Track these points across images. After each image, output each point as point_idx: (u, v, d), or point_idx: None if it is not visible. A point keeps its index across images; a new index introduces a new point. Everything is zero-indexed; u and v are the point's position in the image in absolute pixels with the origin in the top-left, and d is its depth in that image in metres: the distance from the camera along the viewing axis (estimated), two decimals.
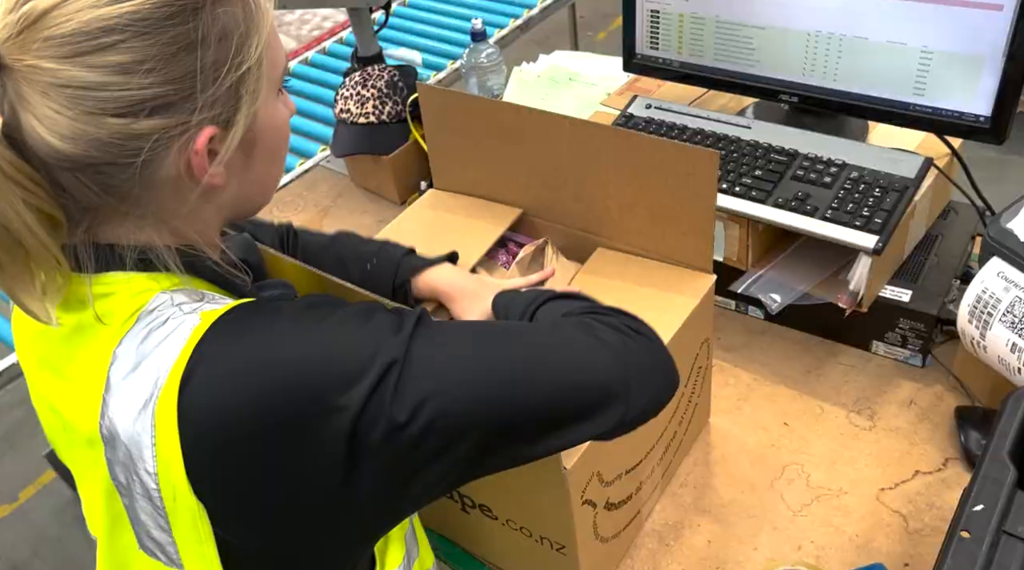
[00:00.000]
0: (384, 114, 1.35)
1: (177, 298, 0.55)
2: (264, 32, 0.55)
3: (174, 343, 0.52)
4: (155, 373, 0.52)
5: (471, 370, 0.55)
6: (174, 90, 0.51)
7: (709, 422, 1.00)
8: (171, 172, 0.54)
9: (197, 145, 0.53)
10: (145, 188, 0.53)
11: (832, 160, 1.00)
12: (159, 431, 0.51)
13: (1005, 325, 0.84)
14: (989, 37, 0.90)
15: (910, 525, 0.87)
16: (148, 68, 0.50)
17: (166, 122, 0.51)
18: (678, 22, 1.13)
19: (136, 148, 0.51)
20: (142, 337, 0.54)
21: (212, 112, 0.53)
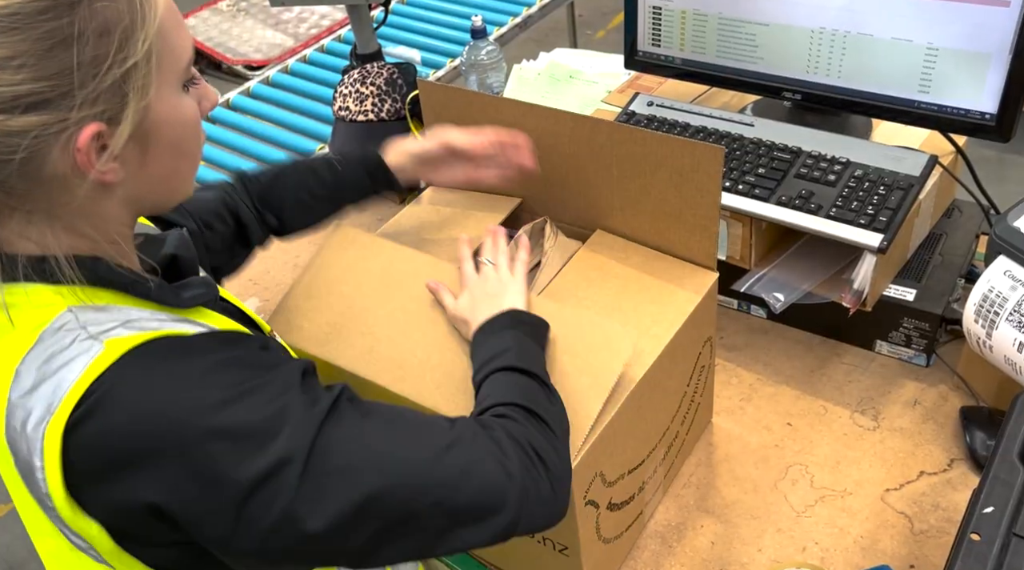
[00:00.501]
0: (383, 112, 1.34)
1: (83, 317, 0.54)
2: (152, 25, 0.53)
3: (73, 370, 0.52)
4: (49, 398, 0.52)
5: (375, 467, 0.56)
6: (49, 87, 0.49)
7: (712, 422, 1.00)
8: (57, 169, 0.52)
9: (79, 142, 0.51)
10: (30, 183, 0.52)
11: (836, 158, 0.99)
12: (47, 456, 0.52)
13: (1012, 324, 0.83)
14: (996, 34, 0.90)
15: (915, 526, 0.86)
16: (19, 64, 0.48)
17: (43, 119, 0.50)
18: (680, 19, 1.12)
19: (13, 145, 0.50)
20: (43, 358, 0.53)
21: (95, 109, 0.51)
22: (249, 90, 1.89)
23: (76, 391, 0.51)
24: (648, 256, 0.88)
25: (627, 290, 0.85)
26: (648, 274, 0.86)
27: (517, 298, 0.77)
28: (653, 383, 0.79)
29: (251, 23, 3.56)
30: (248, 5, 3.69)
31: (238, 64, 3.26)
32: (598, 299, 0.84)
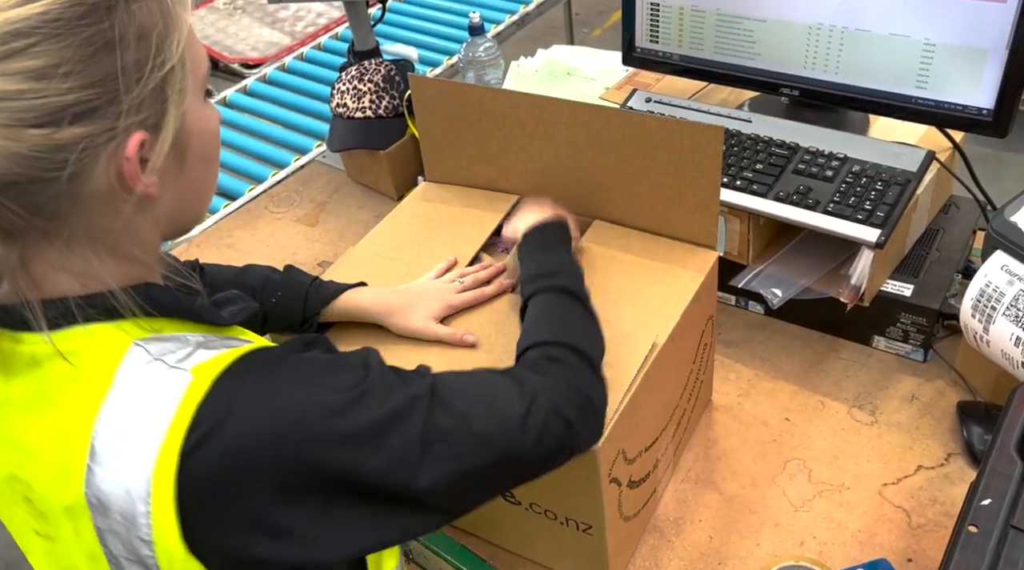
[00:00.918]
0: (381, 109, 1.34)
1: (154, 349, 0.52)
2: (184, 29, 0.52)
3: (168, 404, 0.50)
4: (148, 438, 0.49)
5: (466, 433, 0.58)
6: (96, 94, 0.48)
7: (711, 417, 1.00)
8: (101, 185, 0.50)
9: (127, 151, 0.49)
10: (75, 204, 0.50)
11: (833, 154, 0.99)
12: (155, 500, 0.49)
13: (1009, 319, 0.83)
14: (993, 30, 0.90)
15: (913, 520, 0.86)
16: (65, 72, 0.47)
17: (91, 129, 0.48)
18: (678, 15, 1.12)
19: (61, 160, 0.47)
20: (127, 401, 0.50)
21: (139, 116, 0.50)
22: (246, 88, 1.89)
23: (179, 424, 0.49)
24: (648, 241, 0.90)
25: (632, 274, 0.86)
26: (650, 258, 0.88)
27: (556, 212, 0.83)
28: (665, 361, 0.81)
29: (248, 21, 3.56)
30: (245, 3, 3.68)
31: (235, 62, 3.26)
32: (604, 285, 0.85)
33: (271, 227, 1.39)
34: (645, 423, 0.81)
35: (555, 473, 0.69)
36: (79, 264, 0.52)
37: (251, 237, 1.38)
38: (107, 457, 0.50)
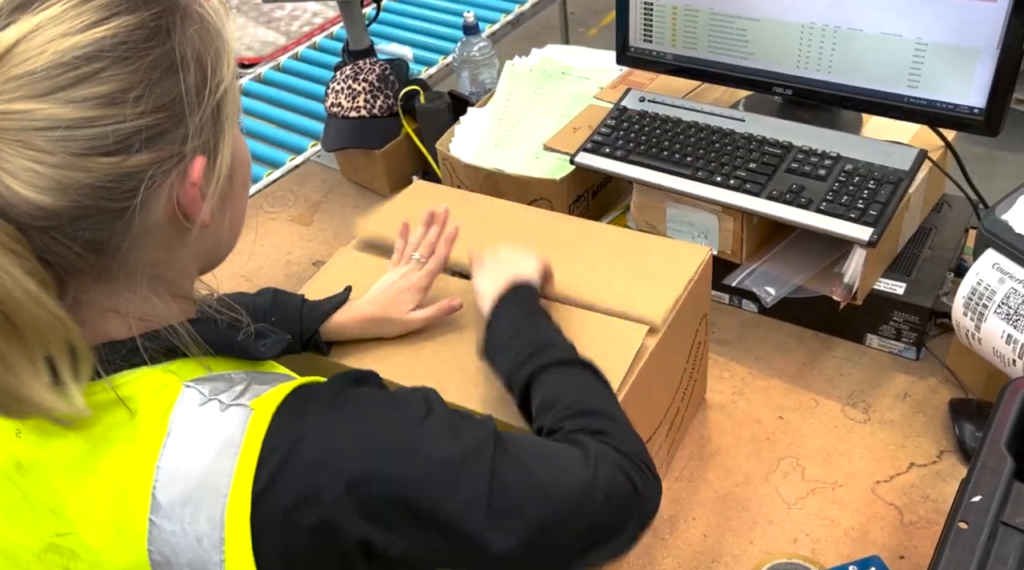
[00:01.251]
0: (375, 108, 1.34)
1: (207, 389, 0.50)
2: (233, 51, 0.52)
3: (231, 443, 0.47)
4: (216, 481, 0.47)
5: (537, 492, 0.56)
6: (165, 117, 0.47)
7: (705, 415, 1.00)
8: (161, 216, 0.48)
9: (193, 175, 0.48)
10: (135, 238, 0.48)
11: (826, 153, 1.00)
12: (230, 544, 0.47)
13: (1000, 317, 0.84)
14: (984, 29, 0.90)
15: (905, 517, 0.87)
16: (136, 96, 0.45)
17: (160, 154, 0.47)
18: (672, 15, 1.13)
19: (131, 189, 0.46)
20: (187, 444, 0.48)
21: (202, 139, 0.49)
22: (241, 87, 1.89)
23: (247, 461, 0.47)
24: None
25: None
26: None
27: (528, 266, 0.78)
28: (657, 360, 0.81)
29: (243, 21, 3.55)
30: (240, 2, 3.68)
31: None
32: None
33: (265, 227, 1.39)
34: (638, 423, 0.81)
35: None
36: (135, 304, 0.50)
37: (245, 237, 1.36)
38: (172, 508, 0.47)
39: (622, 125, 1.12)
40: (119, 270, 0.49)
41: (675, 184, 1.03)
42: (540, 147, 1.20)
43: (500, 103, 1.33)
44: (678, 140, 1.07)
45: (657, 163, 1.06)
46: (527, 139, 1.26)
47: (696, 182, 1.02)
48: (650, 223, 1.11)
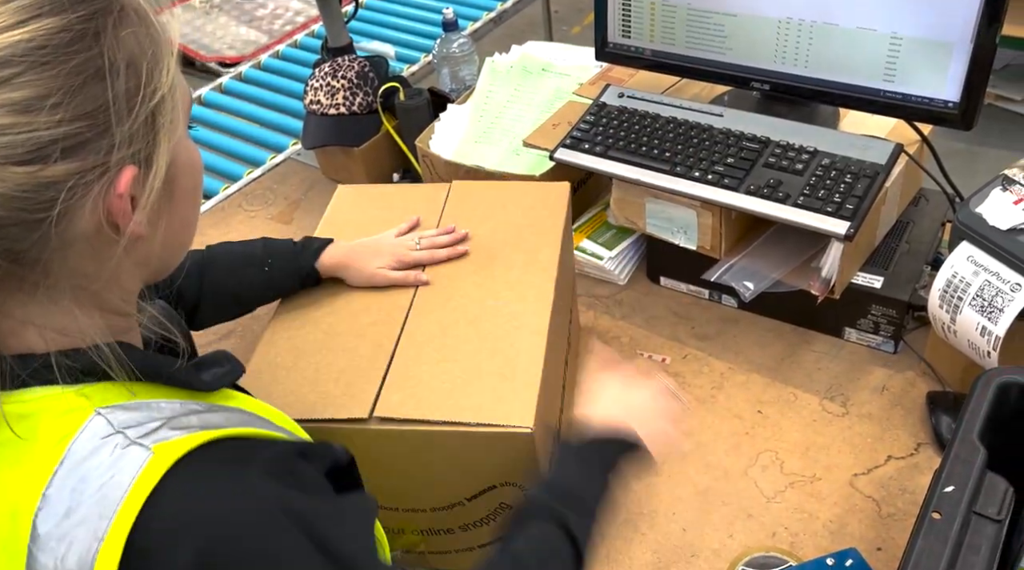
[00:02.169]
0: (355, 105, 1.34)
1: (117, 420, 0.47)
2: (172, 56, 0.49)
3: (120, 485, 0.44)
4: (95, 523, 0.44)
5: None
6: (86, 126, 0.44)
7: (685, 411, 1.00)
8: (88, 226, 0.46)
9: (119, 187, 0.46)
10: (58, 249, 0.46)
11: (804, 147, 1.00)
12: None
13: (975, 309, 0.84)
14: (957, 23, 0.91)
15: (883, 510, 0.87)
16: (54, 103, 0.43)
17: (81, 164, 0.44)
18: (650, 10, 1.13)
19: (48, 200, 0.43)
20: (78, 476, 0.45)
21: (131, 149, 0.46)
22: (222, 86, 1.88)
23: (128, 510, 0.44)
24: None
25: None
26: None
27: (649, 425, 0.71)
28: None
29: (224, 19, 3.53)
30: (221, 1, 3.66)
31: (212, 61, 3.23)
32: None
33: (245, 225, 1.38)
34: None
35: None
36: (55, 317, 0.48)
37: (224, 236, 1.37)
38: (48, 541, 0.44)
39: (601, 121, 1.12)
40: (40, 280, 0.47)
41: (654, 180, 1.03)
42: (520, 143, 1.20)
43: (480, 100, 1.32)
44: (657, 136, 1.07)
45: (636, 159, 1.06)
46: (507, 135, 1.25)
47: (675, 177, 1.02)
48: (630, 219, 1.11)
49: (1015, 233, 0.83)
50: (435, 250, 0.90)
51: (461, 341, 0.81)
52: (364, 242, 0.91)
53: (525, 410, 0.73)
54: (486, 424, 0.73)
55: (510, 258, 0.90)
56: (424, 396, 0.76)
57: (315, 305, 0.88)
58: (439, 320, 0.84)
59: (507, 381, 0.77)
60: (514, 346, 0.80)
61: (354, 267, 0.88)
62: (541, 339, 0.80)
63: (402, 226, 0.94)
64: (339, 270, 0.89)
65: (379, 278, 0.87)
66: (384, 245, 0.90)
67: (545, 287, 0.86)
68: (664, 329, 1.10)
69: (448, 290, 0.87)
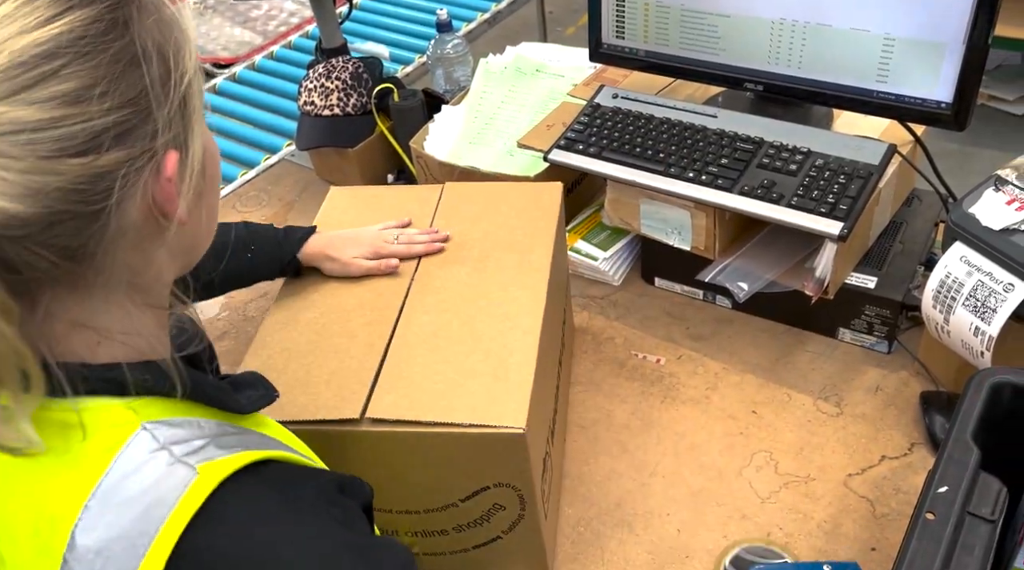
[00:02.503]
0: (349, 106, 1.33)
1: (162, 435, 0.46)
2: (194, 40, 0.50)
3: (163, 503, 0.44)
4: (137, 539, 0.43)
5: None
6: (132, 112, 0.45)
7: (679, 411, 1.00)
8: (138, 216, 0.47)
9: (167, 171, 0.47)
10: (112, 242, 0.46)
11: (797, 148, 1.00)
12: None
13: (968, 309, 0.84)
14: (950, 24, 0.91)
15: (877, 510, 0.87)
16: (102, 92, 0.44)
17: (130, 151, 0.45)
18: (643, 11, 1.13)
19: (104, 189, 0.44)
20: (122, 490, 0.45)
21: (172, 133, 0.47)
22: (216, 87, 1.87)
23: (171, 531, 0.43)
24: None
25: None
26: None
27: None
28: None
29: (219, 21, 3.52)
30: (216, 2, 3.65)
31: (206, 62, 3.22)
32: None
33: None
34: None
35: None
36: (111, 315, 0.48)
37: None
38: (87, 553, 0.44)
39: (595, 122, 1.12)
40: (95, 277, 0.47)
41: (648, 180, 1.03)
42: (514, 144, 1.20)
43: (474, 101, 1.32)
44: (651, 136, 1.07)
45: (630, 159, 1.06)
46: (501, 136, 1.25)
47: (669, 178, 1.02)
48: (624, 220, 1.11)
49: (1008, 233, 0.83)
50: (412, 246, 0.92)
51: (453, 342, 0.81)
52: (345, 232, 0.93)
53: (518, 410, 0.73)
54: (478, 425, 0.73)
55: (503, 259, 0.90)
56: (416, 397, 0.76)
57: (307, 306, 0.88)
58: (431, 320, 0.83)
59: (500, 382, 0.76)
60: (507, 346, 0.80)
61: (332, 256, 0.90)
62: (534, 339, 0.80)
63: (390, 223, 0.96)
64: (318, 260, 0.91)
65: (353, 268, 0.89)
66: (364, 236, 0.92)
67: (538, 287, 0.86)
68: (658, 330, 1.10)
69: (440, 291, 0.87)
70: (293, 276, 0.92)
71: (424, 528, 0.83)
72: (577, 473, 0.95)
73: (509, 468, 0.76)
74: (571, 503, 0.92)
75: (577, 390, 1.04)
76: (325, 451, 0.78)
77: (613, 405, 1.01)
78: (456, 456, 0.76)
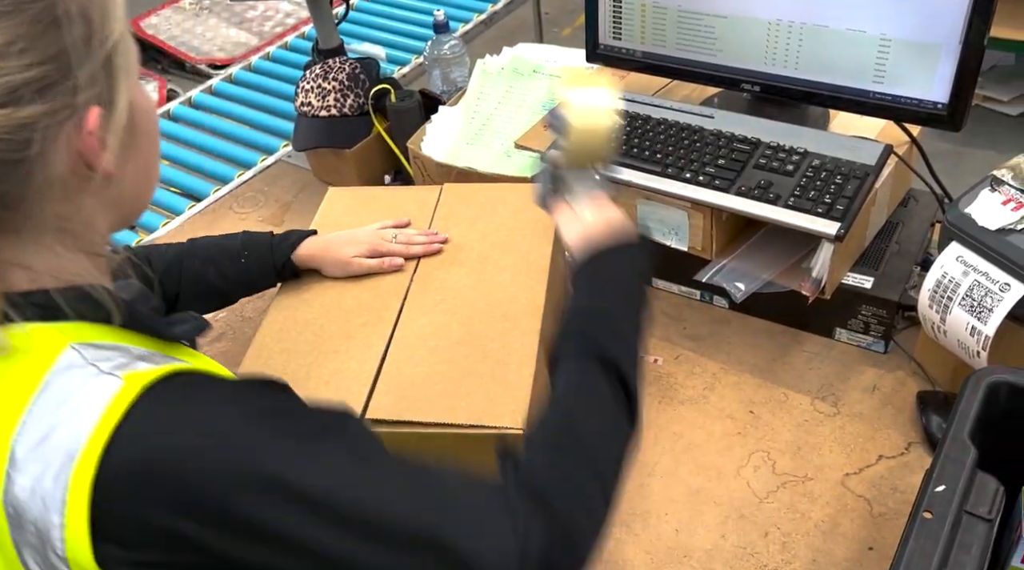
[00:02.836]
0: (346, 107, 1.33)
1: (90, 355, 0.50)
2: (120, 7, 0.53)
3: (92, 409, 0.47)
4: (69, 443, 0.46)
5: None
6: (52, 69, 0.49)
7: (677, 411, 1.00)
8: (63, 167, 0.51)
9: (88, 124, 0.50)
10: (39, 190, 0.50)
11: (794, 148, 1.00)
12: (71, 509, 0.46)
13: (964, 309, 0.85)
14: (945, 24, 0.91)
15: (874, 509, 0.87)
16: (21, 48, 0.48)
17: (51, 105, 0.49)
18: (640, 11, 1.13)
19: (25, 139, 0.48)
20: (54, 403, 0.48)
21: (93, 90, 0.51)
22: (212, 88, 1.87)
23: (101, 432, 0.46)
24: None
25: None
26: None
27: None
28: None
29: (215, 21, 3.52)
30: (211, 3, 3.64)
31: (202, 63, 3.22)
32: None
33: (236, 227, 1.36)
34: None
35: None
36: (42, 257, 0.52)
37: None
38: (26, 464, 0.47)
39: None
40: (24, 222, 0.51)
41: (645, 181, 1.04)
42: (511, 145, 1.20)
43: (471, 101, 1.32)
44: (648, 137, 1.07)
45: (627, 160, 1.06)
46: (498, 137, 1.25)
47: (666, 179, 1.02)
48: None
49: (1004, 233, 0.83)
50: (410, 246, 0.93)
51: (452, 342, 0.81)
52: (341, 233, 0.94)
53: (517, 411, 0.74)
54: (477, 425, 0.73)
55: (502, 259, 0.90)
56: (416, 397, 0.76)
57: (306, 307, 0.88)
58: (430, 321, 0.84)
59: (499, 382, 0.77)
60: (506, 347, 0.80)
61: (330, 257, 0.91)
62: (533, 339, 0.80)
63: (387, 222, 0.97)
64: (315, 261, 0.91)
65: (354, 266, 0.90)
66: (361, 235, 0.93)
67: (537, 288, 0.86)
68: (656, 330, 1.11)
69: (439, 291, 0.87)
70: (292, 279, 0.92)
71: None
72: None
73: None
74: None
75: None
76: None
77: None
78: (455, 456, 0.76)
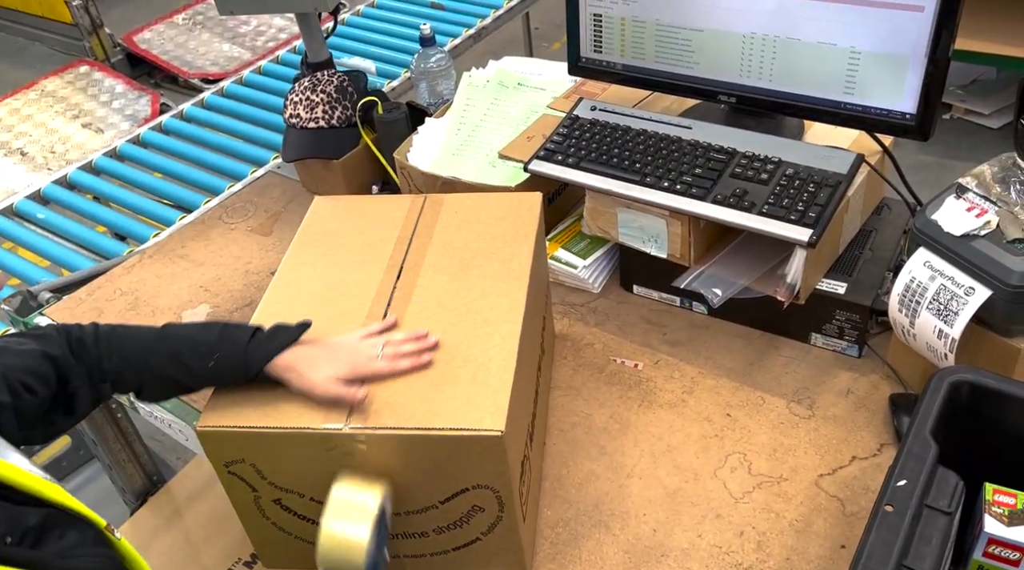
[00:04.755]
0: (334, 119, 1.36)
1: None
2: None
3: None
4: None
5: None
6: None
7: (656, 414, 1.02)
8: None
9: None
10: None
11: (769, 158, 1.03)
12: None
13: (932, 312, 0.87)
14: (912, 37, 0.94)
15: (847, 509, 0.89)
16: None
17: None
18: (620, 26, 1.16)
19: None
20: None
21: None
22: (203, 101, 1.90)
23: None
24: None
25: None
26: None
27: None
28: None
29: (208, 36, 3.55)
30: (204, 19, 3.67)
31: (195, 78, 3.24)
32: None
33: (225, 237, 1.40)
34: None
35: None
36: None
37: (204, 248, 1.38)
38: None
39: (574, 133, 1.15)
40: None
41: (625, 190, 1.06)
42: (496, 156, 1.22)
43: (457, 113, 1.35)
44: (627, 147, 1.10)
45: (608, 170, 1.08)
46: (483, 148, 1.28)
47: (645, 188, 1.05)
48: (603, 228, 1.14)
49: (968, 239, 0.86)
50: (397, 362, 0.81)
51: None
52: (326, 345, 0.83)
53: (496, 414, 0.75)
54: (457, 428, 0.75)
55: (483, 267, 0.92)
56: (397, 403, 0.78)
57: (290, 316, 0.90)
58: (413, 327, 0.85)
59: (479, 386, 0.79)
60: (486, 352, 0.82)
61: (299, 372, 0.79)
62: (513, 343, 0.82)
63: (372, 327, 0.86)
64: (286, 373, 0.80)
65: (318, 391, 0.78)
66: (344, 350, 0.82)
67: (517, 294, 0.88)
68: (637, 336, 1.13)
69: (422, 298, 0.89)
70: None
71: (404, 530, 0.85)
72: (556, 475, 0.97)
73: (487, 470, 0.78)
74: (550, 505, 0.94)
75: (557, 395, 1.06)
76: (309, 455, 0.79)
77: (592, 409, 1.04)
78: (435, 459, 0.78)
